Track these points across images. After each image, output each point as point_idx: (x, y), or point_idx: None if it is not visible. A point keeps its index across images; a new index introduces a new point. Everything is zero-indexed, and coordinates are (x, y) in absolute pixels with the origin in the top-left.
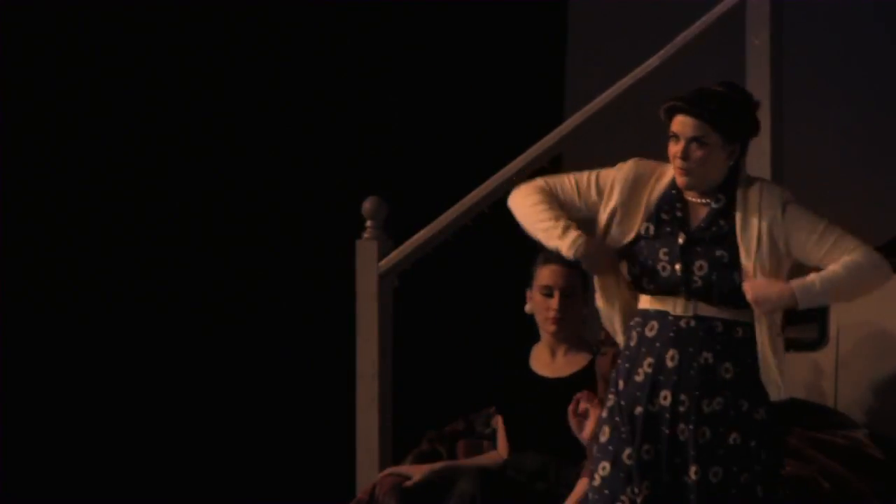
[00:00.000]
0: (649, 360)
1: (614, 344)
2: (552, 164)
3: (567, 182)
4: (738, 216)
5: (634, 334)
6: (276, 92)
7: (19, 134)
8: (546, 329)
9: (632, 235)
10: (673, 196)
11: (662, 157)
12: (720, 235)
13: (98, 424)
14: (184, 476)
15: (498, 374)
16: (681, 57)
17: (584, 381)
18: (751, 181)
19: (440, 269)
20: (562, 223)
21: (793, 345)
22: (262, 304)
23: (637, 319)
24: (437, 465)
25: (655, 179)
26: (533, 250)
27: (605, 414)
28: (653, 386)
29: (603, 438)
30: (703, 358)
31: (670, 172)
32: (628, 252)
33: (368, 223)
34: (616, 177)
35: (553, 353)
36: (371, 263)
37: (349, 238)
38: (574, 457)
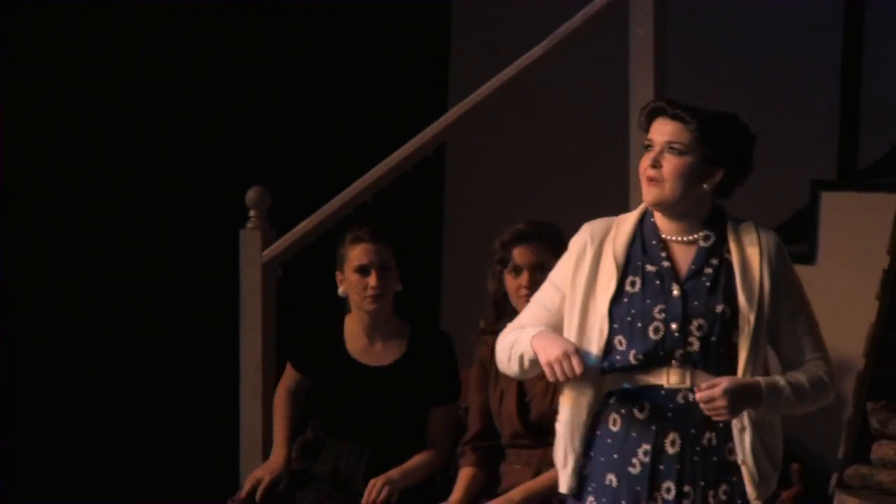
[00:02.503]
0: (645, 446)
1: (494, 333)
2: (436, 154)
3: (534, 309)
4: (735, 257)
5: (616, 417)
6: (161, 81)
7: None
8: (365, 308)
9: (609, 294)
10: (649, 239)
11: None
12: (715, 282)
13: None
14: (69, 470)
15: (316, 346)
16: (565, 46)
17: (405, 370)
18: (738, 219)
19: (324, 258)
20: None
21: None
22: (147, 295)
23: (617, 398)
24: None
25: (615, 227)
26: (416, 240)
27: None
28: (652, 477)
29: None
30: (707, 439)
31: (631, 217)
32: (603, 321)
33: (252, 213)
34: (571, 252)
35: (370, 338)
36: (255, 253)
37: (233, 228)
38: (394, 449)
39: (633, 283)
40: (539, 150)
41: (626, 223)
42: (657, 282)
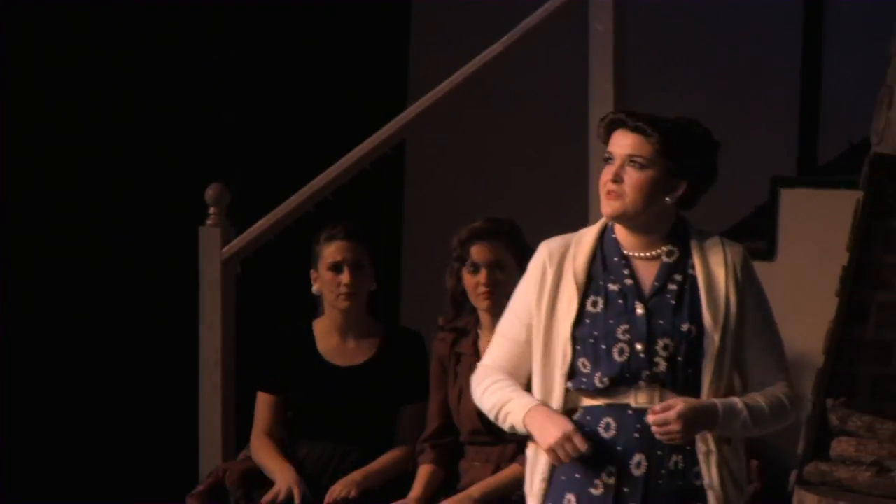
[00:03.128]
0: (609, 468)
1: (453, 330)
2: (395, 151)
3: (502, 343)
4: (699, 273)
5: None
6: (119, 78)
7: None
8: (338, 305)
9: (571, 317)
10: (610, 256)
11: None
12: (680, 300)
13: None
14: (26, 468)
15: (285, 357)
16: (525, 43)
17: (378, 369)
18: (703, 233)
19: (283, 255)
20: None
21: None
22: (105, 292)
23: (581, 416)
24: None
25: (574, 245)
26: (376, 238)
27: None
28: (616, 499)
29: None
30: (674, 462)
31: (591, 234)
32: (566, 344)
33: (211, 210)
34: (530, 275)
35: (343, 337)
36: (214, 250)
37: (192, 225)
38: (371, 446)
39: (594, 303)
40: (499, 146)
41: (585, 240)
42: (620, 301)
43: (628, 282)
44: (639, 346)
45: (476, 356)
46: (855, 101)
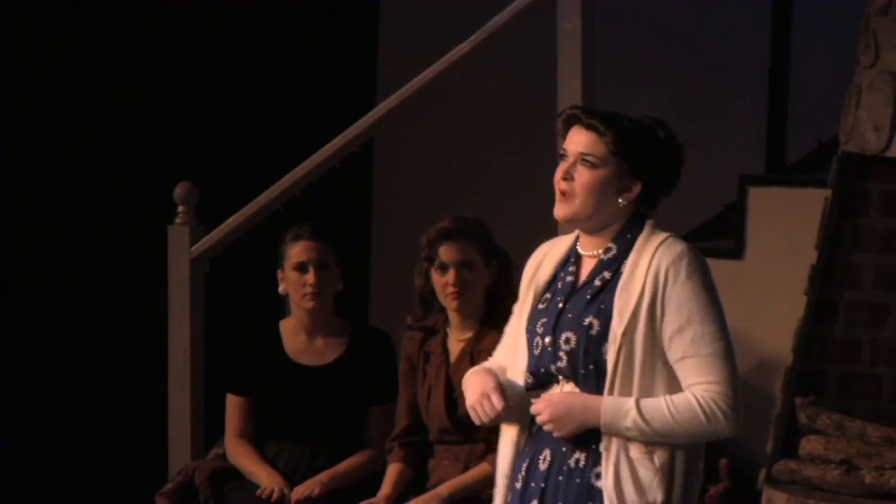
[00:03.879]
0: (525, 463)
1: (421, 329)
2: (364, 150)
3: (503, 340)
4: (626, 271)
5: (523, 434)
6: (87, 76)
7: None
8: (304, 305)
9: (525, 314)
10: (570, 255)
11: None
12: (596, 295)
13: None
14: None
15: (252, 359)
16: (493, 41)
17: (345, 369)
18: (655, 233)
19: (252, 254)
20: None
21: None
22: (73, 291)
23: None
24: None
25: (554, 244)
26: (345, 236)
27: None
28: (523, 494)
29: None
30: (575, 460)
31: (572, 235)
32: (522, 341)
33: (180, 208)
34: (522, 279)
35: (310, 337)
36: (183, 249)
37: (161, 223)
38: (339, 447)
39: (544, 301)
40: (467, 145)
41: (564, 241)
42: (557, 297)
43: (569, 279)
44: (546, 340)
45: (444, 355)
46: (823, 100)
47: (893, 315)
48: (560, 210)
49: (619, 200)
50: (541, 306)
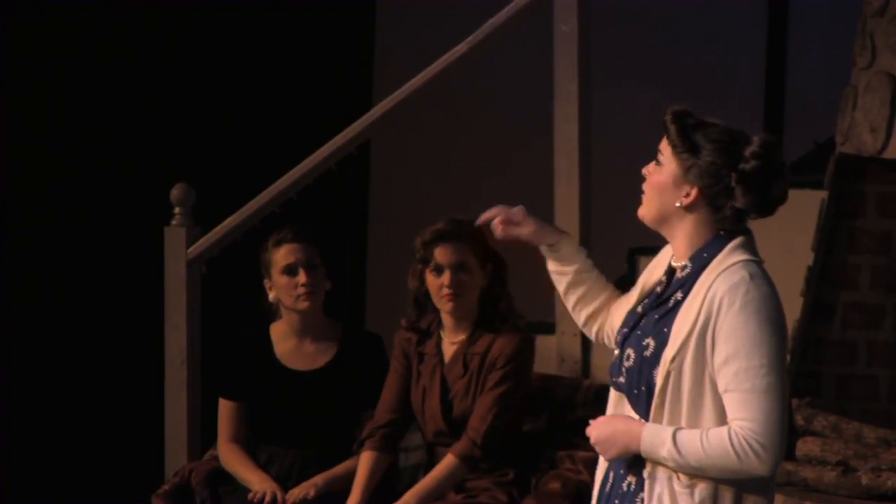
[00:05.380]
0: (597, 483)
1: (416, 331)
2: (360, 151)
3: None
4: (692, 293)
5: None
6: (86, 77)
7: None
8: (298, 307)
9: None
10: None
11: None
12: (664, 315)
13: None
14: None
15: (243, 363)
16: (490, 43)
17: (337, 372)
18: (731, 255)
19: (249, 255)
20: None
21: None
22: (70, 292)
23: None
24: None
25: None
26: (341, 238)
27: None
28: None
29: None
30: (627, 483)
31: None
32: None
33: (176, 210)
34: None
35: (300, 340)
36: (179, 250)
37: (157, 225)
38: (333, 450)
39: (642, 305)
40: (464, 147)
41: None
42: (643, 306)
43: (658, 289)
44: (616, 352)
45: (439, 357)
46: (820, 101)
47: (890, 316)
48: (639, 208)
49: (675, 204)
50: (639, 310)
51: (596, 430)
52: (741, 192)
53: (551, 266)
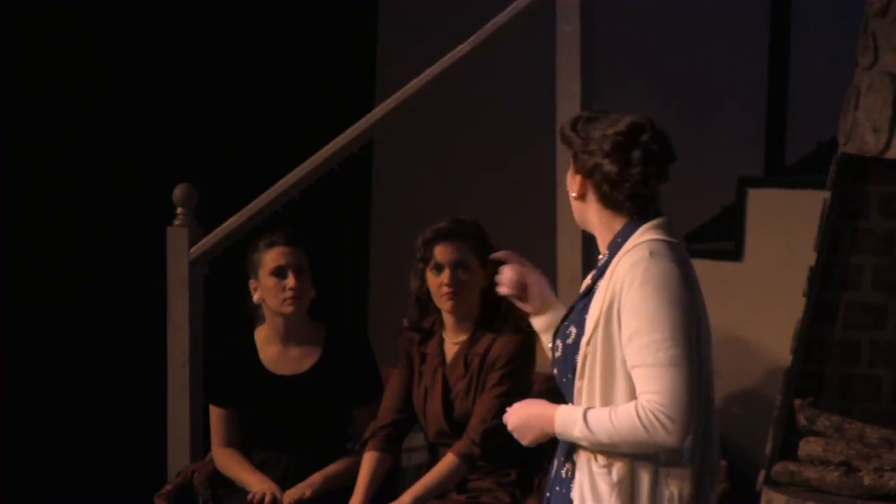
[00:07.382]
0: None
1: (418, 331)
2: (363, 151)
3: None
4: (605, 276)
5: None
6: (87, 78)
7: None
8: (284, 310)
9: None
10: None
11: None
12: (588, 302)
13: None
14: None
15: (231, 370)
16: (492, 43)
17: (324, 374)
18: (640, 237)
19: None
20: None
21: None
22: (72, 293)
23: None
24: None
25: None
26: (343, 238)
27: None
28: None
29: None
30: (565, 470)
31: None
32: None
33: (179, 210)
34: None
35: (284, 345)
36: (182, 250)
37: (160, 225)
38: (327, 451)
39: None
40: (466, 147)
41: None
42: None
43: (589, 282)
44: (549, 345)
45: (440, 357)
46: (822, 101)
47: (892, 316)
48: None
49: (573, 195)
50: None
51: (513, 416)
52: (608, 164)
53: (534, 322)
